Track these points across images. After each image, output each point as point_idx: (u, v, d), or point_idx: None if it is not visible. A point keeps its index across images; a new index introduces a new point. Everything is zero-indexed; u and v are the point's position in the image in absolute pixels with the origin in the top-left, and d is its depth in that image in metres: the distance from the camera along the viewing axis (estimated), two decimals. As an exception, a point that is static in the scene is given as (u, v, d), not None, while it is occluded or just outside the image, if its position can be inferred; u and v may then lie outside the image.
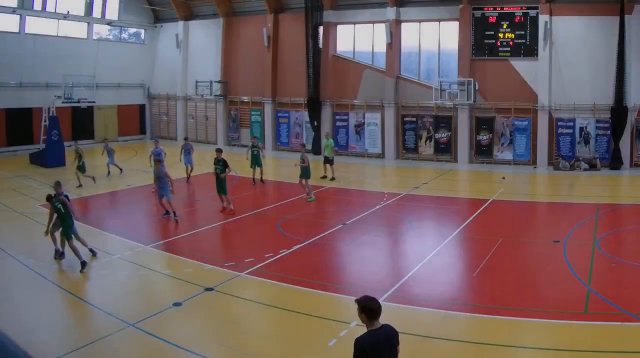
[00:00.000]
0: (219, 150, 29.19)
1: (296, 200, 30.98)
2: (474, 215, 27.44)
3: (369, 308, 8.51)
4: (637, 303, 15.51)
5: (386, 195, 31.68)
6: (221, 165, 28.05)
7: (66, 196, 20.53)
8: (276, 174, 41.95)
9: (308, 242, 22.35)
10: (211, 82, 55.01)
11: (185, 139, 40.56)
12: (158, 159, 28.45)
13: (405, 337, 9.89)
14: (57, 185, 20.49)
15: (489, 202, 30.05)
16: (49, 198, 20.53)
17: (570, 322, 14.58)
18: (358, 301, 8.67)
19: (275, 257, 20.03)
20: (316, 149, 49.98)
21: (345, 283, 18.15)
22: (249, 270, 18.69)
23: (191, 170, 37.44)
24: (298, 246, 21.62)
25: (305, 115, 51.64)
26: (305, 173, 31.53)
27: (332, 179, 37.78)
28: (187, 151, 37.63)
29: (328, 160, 38.53)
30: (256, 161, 36.30)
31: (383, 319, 8.72)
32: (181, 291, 16.90)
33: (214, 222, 26.34)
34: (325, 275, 18.74)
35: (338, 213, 28.43)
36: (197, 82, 55.64)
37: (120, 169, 39.01)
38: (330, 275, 18.96)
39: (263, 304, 16.36)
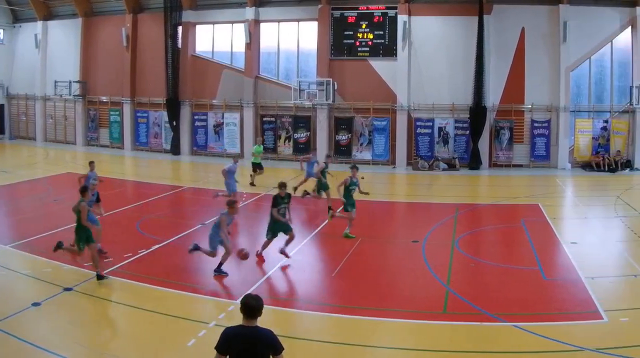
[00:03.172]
0: (283, 185, 17.43)
1: (154, 200, 26.40)
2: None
3: (243, 304, 7.04)
4: (495, 303, 13.61)
5: (245, 196, 26.74)
6: (286, 202, 17.23)
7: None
8: (135, 174, 35.92)
9: (167, 242, 18.90)
10: (70, 82, 44.08)
11: (314, 149, 30.39)
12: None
13: None
14: None
15: None
16: None
17: (429, 321, 12.68)
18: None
19: (134, 257, 16.97)
20: (174, 150, 41.33)
21: (204, 284, 15.35)
22: (108, 270, 15.75)
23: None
24: (157, 246, 18.31)
25: (164, 115, 41.99)
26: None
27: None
28: (313, 163, 27.37)
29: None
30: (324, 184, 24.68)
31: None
32: (40, 291, 14.29)
33: (72, 222, 19.27)
34: (184, 276, 15.83)
35: (197, 213, 24.12)
36: (56, 82, 44.47)
37: None
38: (189, 276, 15.94)
39: (122, 304, 13.90)
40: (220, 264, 15.42)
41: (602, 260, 17.24)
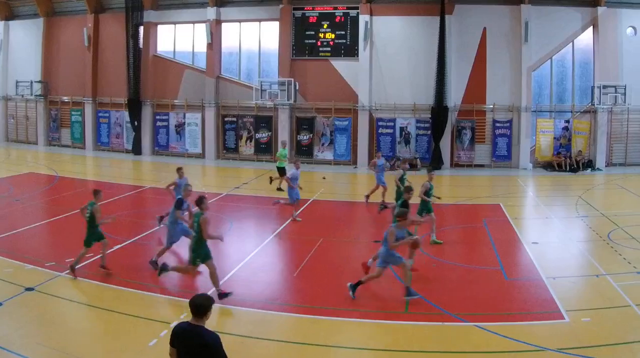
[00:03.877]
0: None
1: (116, 200, 24.94)
2: (294, 214, 21.92)
3: (189, 302, 7.00)
4: (457, 303, 12.86)
5: (206, 196, 22.30)
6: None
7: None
8: (97, 174, 34.12)
9: (129, 242, 18.14)
10: (32, 82, 41.81)
11: (379, 151, 27.16)
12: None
13: (224, 337, 7.95)
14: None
15: (309, 202, 24.33)
16: None
17: (390, 321, 12.16)
18: None
19: (96, 257, 15.57)
20: (136, 150, 39.05)
21: (165, 284, 14.34)
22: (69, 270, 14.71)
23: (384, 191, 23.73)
24: (118, 246, 17.47)
25: (125, 115, 39.57)
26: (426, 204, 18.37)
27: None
28: (382, 168, 24.41)
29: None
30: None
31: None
32: (1, 291, 13.42)
33: (34, 221, 20.77)
34: (146, 276, 14.87)
35: (158, 213, 21.66)
36: (17, 82, 42.14)
37: None
38: (151, 276, 14.81)
39: (84, 304, 13.19)
40: (408, 288, 13.07)
41: (564, 260, 16.64)
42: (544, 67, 33.90)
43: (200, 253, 13.00)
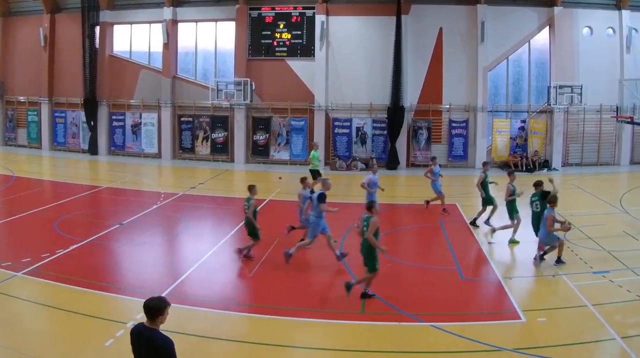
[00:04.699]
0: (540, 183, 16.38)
1: (73, 200, 23.90)
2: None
3: (143, 305, 6.65)
4: (413, 303, 12.42)
5: (163, 195, 24.63)
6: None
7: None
8: (53, 174, 32.18)
9: (85, 242, 16.97)
10: (-13, 82, 39.45)
11: (434, 158, 23.81)
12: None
13: (181, 338, 8.89)
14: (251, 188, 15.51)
15: (265, 202, 23.17)
16: None
17: (347, 321, 11.67)
18: None
19: (52, 257, 15.03)
20: (92, 150, 36.77)
21: (121, 284, 13.77)
22: (26, 270, 14.10)
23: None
24: (75, 246, 16.33)
25: (82, 115, 37.35)
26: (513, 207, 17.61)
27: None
28: (438, 176, 22.30)
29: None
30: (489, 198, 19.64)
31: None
32: None
33: None
34: (102, 276, 14.14)
35: (115, 213, 21.96)
36: (-27, 82, 39.77)
37: None
38: (107, 276, 14.28)
39: (40, 304, 12.48)
40: (559, 256, 14.80)
41: (520, 260, 16.10)
42: (500, 67, 32.38)
43: (375, 256, 12.33)
